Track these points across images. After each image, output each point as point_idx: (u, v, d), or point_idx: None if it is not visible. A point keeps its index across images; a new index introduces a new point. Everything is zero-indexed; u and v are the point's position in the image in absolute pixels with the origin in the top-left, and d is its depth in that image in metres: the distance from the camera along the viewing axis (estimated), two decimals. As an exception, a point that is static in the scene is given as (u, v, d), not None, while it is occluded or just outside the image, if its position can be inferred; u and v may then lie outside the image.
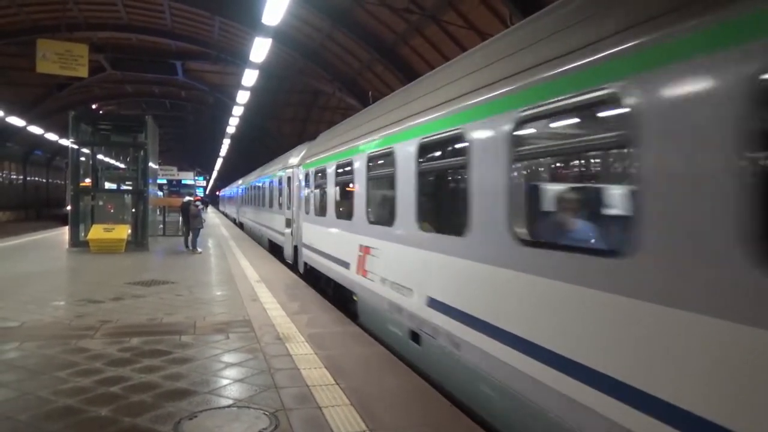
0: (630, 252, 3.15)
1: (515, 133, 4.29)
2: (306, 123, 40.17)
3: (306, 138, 21.22)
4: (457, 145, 5.30)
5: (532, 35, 4.47)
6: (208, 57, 30.99)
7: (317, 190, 11.76)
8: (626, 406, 3.08)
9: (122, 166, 33.01)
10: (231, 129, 39.66)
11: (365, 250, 8.01)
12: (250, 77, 22.16)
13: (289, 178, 15.73)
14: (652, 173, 3.03)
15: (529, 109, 4.11)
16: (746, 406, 2.48)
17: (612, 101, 3.36)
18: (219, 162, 69.72)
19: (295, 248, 14.26)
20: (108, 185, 23.27)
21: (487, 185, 4.70)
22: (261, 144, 53.78)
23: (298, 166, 14.29)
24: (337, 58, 27.37)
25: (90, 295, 9.98)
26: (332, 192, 10.42)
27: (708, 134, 2.70)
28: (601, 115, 3.82)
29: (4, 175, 51.95)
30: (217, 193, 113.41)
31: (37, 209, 56.89)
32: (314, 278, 12.00)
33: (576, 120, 4.23)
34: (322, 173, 11.21)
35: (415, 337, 6.21)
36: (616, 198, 4.16)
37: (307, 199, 12.85)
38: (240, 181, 40.26)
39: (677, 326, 2.82)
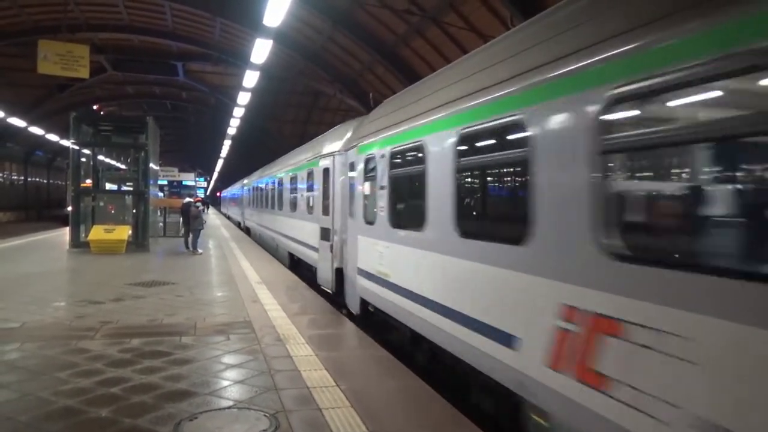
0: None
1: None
2: (306, 124, 40.20)
3: (307, 139, 21.23)
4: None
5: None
6: (209, 58, 31.01)
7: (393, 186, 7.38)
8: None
9: (123, 167, 33.03)
10: (232, 130, 39.69)
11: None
12: (250, 78, 22.18)
13: (326, 170, 11.46)
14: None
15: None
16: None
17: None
18: (220, 163, 69.77)
19: (338, 271, 10.23)
20: (109, 186, 23.30)
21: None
22: (262, 145, 53.83)
23: (344, 151, 10.32)
24: (338, 59, 27.39)
25: (90, 295, 9.98)
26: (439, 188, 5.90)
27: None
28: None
29: (5, 176, 51.95)
30: (218, 194, 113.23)
31: (38, 210, 56.89)
32: (379, 326, 8.08)
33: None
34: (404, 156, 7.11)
35: None
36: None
37: (368, 200, 8.44)
38: (245, 180, 36.85)
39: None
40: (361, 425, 4.46)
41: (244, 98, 27.09)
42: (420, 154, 6.21)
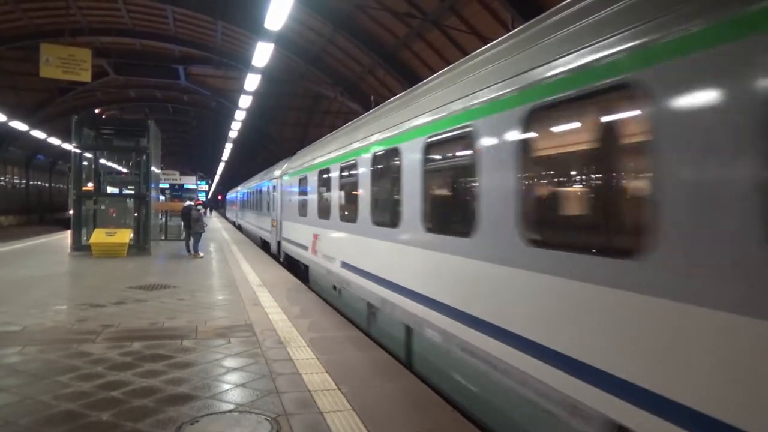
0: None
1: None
2: (308, 127, 40.28)
3: (308, 142, 21.23)
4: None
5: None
6: (211, 62, 31.13)
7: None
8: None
9: (125, 170, 33.06)
10: (233, 133, 39.72)
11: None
12: (252, 82, 22.19)
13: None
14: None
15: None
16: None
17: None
18: (221, 166, 69.83)
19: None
20: (110, 189, 23.31)
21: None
22: (263, 148, 53.88)
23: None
24: (339, 62, 27.44)
25: (92, 299, 9.98)
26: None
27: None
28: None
29: (6, 180, 52.05)
30: (220, 197, 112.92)
31: (40, 213, 56.98)
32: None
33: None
34: None
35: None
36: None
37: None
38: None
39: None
40: (363, 429, 4.45)
41: (245, 101, 27.11)
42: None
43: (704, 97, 2.82)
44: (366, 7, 19.90)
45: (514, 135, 4.42)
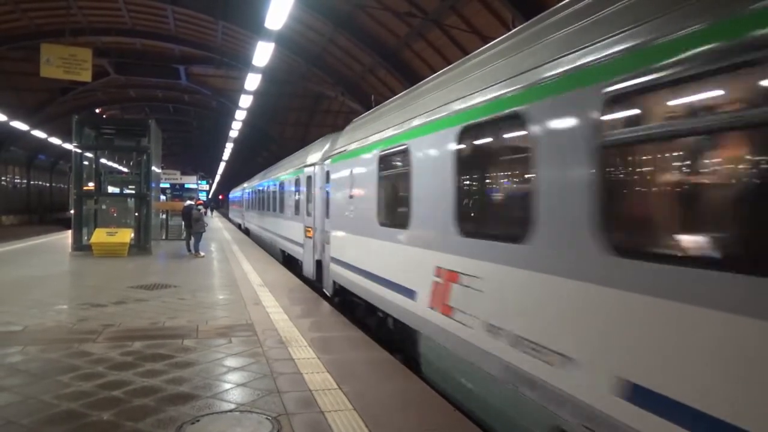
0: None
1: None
2: (308, 127, 40.26)
3: (308, 141, 21.22)
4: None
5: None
6: (212, 61, 31.10)
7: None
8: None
9: (125, 170, 33.08)
10: (234, 133, 39.73)
11: None
12: (252, 81, 22.20)
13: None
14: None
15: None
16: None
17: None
18: (222, 166, 69.83)
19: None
20: (111, 189, 23.32)
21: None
22: (264, 148, 53.88)
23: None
24: (340, 62, 27.42)
25: (93, 298, 9.98)
26: None
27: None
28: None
29: (8, 180, 52.09)
30: (221, 196, 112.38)
31: (41, 213, 57.02)
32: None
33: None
34: None
35: None
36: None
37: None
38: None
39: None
40: (364, 428, 4.44)
41: (245, 101, 27.12)
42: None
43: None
44: (366, 6, 19.88)
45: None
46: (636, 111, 3.41)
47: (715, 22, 2.73)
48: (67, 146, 35.29)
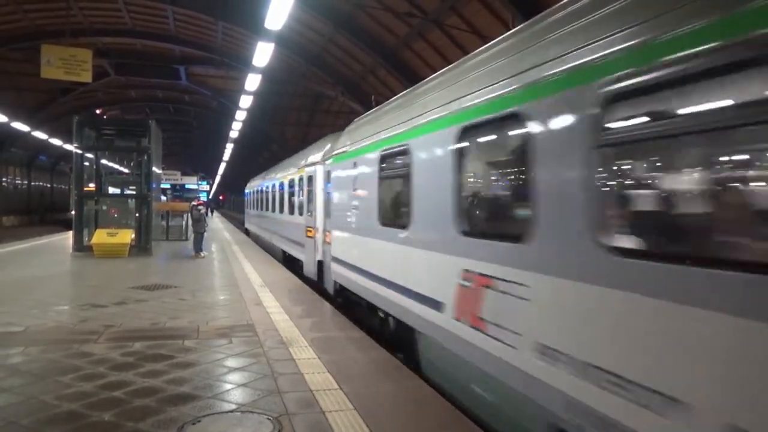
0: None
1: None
2: (309, 127, 40.25)
3: (309, 142, 21.24)
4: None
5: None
6: (212, 62, 31.11)
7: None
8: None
9: (126, 170, 33.08)
10: (234, 133, 39.74)
11: None
12: (253, 82, 22.21)
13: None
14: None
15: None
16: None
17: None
18: (222, 166, 69.84)
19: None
20: (112, 190, 23.34)
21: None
22: (264, 148, 53.89)
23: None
24: (340, 62, 27.42)
25: (93, 299, 9.98)
26: None
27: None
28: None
29: (8, 180, 52.12)
30: (222, 197, 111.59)
31: (42, 214, 57.07)
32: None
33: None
34: None
35: None
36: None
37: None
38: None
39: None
40: (365, 428, 4.44)
41: (246, 101, 27.13)
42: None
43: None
44: (366, 6, 19.87)
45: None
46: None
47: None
48: (68, 147, 35.28)
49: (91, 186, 21.12)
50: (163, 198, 33.38)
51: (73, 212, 19.33)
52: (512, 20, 15.13)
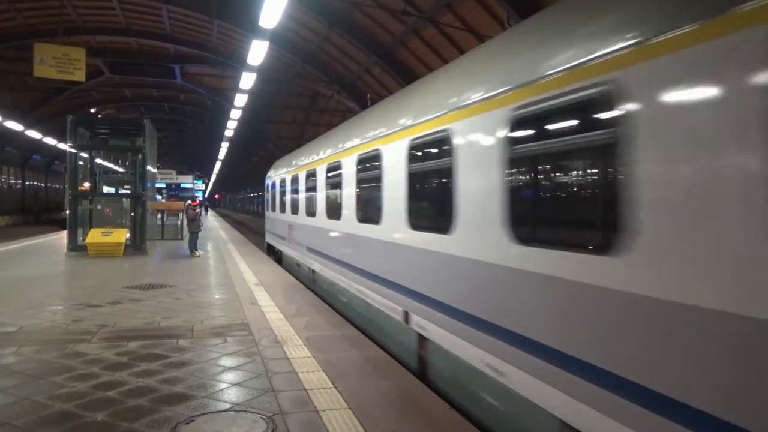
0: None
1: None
2: (305, 126, 40.20)
3: (304, 141, 21.21)
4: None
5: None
6: (207, 60, 31.01)
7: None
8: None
9: (121, 170, 32.97)
10: (229, 132, 39.65)
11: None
12: (248, 80, 22.14)
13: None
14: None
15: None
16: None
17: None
18: (218, 165, 69.73)
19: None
20: (106, 189, 23.25)
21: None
22: (260, 147, 53.80)
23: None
24: (335, 60, 27.38)
25: (88, 299, 9.95)
26: None
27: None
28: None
29: (3, 180, 51.89)
30: (217, 196, 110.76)
31: (36, 214, 56.84)
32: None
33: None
34: None
35: None
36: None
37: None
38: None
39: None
40: (359, 427, 4.44)
41: (241, 100, 27.06)
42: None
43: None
44: (361, 4, 19.83)
45: None
46: None
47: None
48: (62, 146, 35.16)
49: (86, 185, 21.03)
50: (159, 197, 33.27)
51: (67, 212, 19.23)
52: (507, 18, 15.13)
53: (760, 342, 2.32)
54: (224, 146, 49.12)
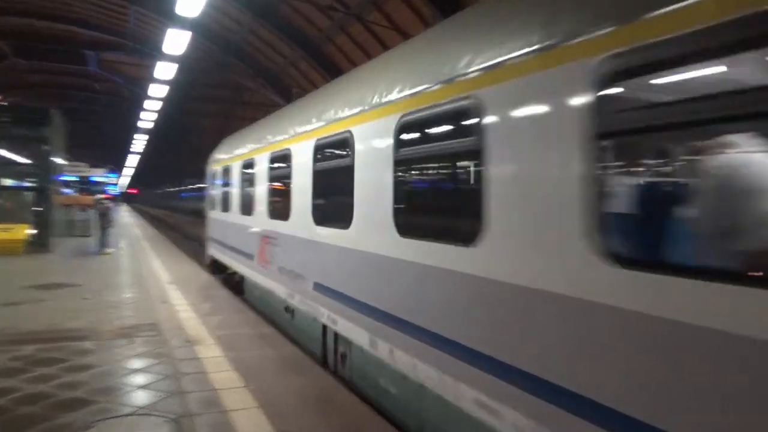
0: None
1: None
2: (228, 119, 39.14)
3: (227, 134, 20.60)
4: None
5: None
6: (124, 48, 29.44)
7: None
8: None
9: (28, 161, 30.69)
10: (148, 124, 37.91)
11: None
12: (166, 70, 21.19)
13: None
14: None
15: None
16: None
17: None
18: (136, 159, 66.63)
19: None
20: (7, 181, 21.56)
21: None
22: (183, 140, 51.87)
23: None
24: (260, 53, 26.84)
25: (-19, 300, 9.19)
26: None
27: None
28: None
29: None
30: (135, 191, 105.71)
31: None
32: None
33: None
34: None
35: None
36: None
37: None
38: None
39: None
40: (269, 426, 4.37)
41: (160, 91, 25.90)
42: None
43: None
44: (288, -3, 19.57)
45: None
46: None
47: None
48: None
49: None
50: (69, 191, 31.31)
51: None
52: (431, 17, 15.37)
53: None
54: (143, 139, 46.91)
